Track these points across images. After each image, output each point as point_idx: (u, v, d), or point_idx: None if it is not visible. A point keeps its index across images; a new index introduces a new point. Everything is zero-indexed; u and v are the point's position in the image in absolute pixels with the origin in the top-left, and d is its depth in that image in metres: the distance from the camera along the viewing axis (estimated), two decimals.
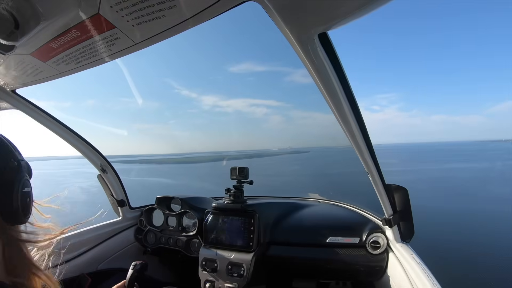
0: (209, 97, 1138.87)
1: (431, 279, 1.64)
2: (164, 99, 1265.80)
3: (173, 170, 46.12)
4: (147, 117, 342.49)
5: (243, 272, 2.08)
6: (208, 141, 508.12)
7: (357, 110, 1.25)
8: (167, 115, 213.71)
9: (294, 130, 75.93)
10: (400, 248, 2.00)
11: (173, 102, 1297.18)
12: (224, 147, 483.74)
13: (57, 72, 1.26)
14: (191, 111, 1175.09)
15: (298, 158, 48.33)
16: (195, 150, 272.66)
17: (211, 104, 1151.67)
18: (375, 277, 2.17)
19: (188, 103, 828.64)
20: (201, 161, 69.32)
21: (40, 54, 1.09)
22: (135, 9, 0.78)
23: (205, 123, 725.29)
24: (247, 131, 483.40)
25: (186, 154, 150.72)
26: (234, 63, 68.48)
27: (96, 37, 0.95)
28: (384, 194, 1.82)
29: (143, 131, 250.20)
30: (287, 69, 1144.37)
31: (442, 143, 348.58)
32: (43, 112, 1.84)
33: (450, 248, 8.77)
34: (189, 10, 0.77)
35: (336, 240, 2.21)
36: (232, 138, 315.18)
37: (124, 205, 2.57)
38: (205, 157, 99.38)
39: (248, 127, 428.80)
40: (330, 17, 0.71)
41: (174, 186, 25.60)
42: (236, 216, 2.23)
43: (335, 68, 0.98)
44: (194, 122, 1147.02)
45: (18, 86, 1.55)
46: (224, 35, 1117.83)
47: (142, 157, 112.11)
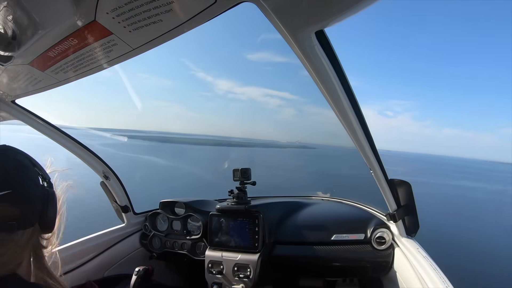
0: (224, 82, 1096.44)
1: (438, 273, 1.64)
2: (179, 78, 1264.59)
3: (174, 151, 44.80)
4: (160, 94, 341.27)
5: (249, 273, 2.09)
6: (216, 125, 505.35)
7: (357, 107, 1.25)
8: (180, 95, 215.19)
9: (305, 125, 74.98)
10: (405, 243, 2.00)
11: (187, 82, 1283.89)
12: (232, 133, 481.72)
13: (56, 81, 1.26)
14: (205, 93, 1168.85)
15: (304, 153, 47.75)
16: (201, 132, 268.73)
17: (226, 89, 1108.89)
18: (382, 272, 2.17)
19: (202, 86, 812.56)
20: (204, 143, 68.25)
21: (38, 63, 1.09)
22: (131, 15, 0.78)
23: (217, 107, 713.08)
24: (258, 121, 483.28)
25: (193, 135, 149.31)
26: (253, 51, 67.49)
27: (93, 44, 0.95)
28: (387, 189, 1.82)
29: (155, 107, 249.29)
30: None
31: (452, 157, 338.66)
32: (43, 121, 1.85)
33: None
34: (185, 13, 0.77)
35: (341, 238, 2.21)
36: (242, 125, 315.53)
37: (128, 211, 2.57)
38: (209, 140, 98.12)
39: (259, 116, 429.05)
40: (326, 14, 0.71)
41: (165, 167, 24.54)
42: (240, 217, 2.23)
43: (333, 65, 0.98)
44: (206, 105, 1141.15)
45: (18, 96, 1.55)
46: (246, 22, 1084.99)
47: (149, 134, 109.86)
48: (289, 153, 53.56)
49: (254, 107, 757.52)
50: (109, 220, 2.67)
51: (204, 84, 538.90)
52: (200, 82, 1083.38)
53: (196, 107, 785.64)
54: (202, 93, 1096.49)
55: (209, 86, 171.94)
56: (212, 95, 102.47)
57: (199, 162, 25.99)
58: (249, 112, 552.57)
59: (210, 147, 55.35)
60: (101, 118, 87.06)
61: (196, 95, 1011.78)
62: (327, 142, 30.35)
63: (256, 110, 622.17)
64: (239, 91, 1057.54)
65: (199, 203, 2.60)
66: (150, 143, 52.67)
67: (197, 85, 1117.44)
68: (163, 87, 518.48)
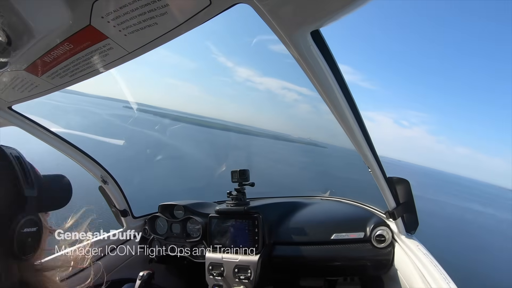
0: (244, 70, 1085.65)
1: (439, 269, 1.65)
2: (199, 60, 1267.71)
3: (181, 130, 42.92)
4: (179, 74, 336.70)
5: (250, 275, 2.08)
6: (231, 111, 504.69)
7: (354, 106, 1.25)
8: (199, 77, 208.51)
9: (319, 124, 73.55)
10: (405, 240, 2.01)
11: (207, 65, 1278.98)
12: (244, 121, 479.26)
13: (52, 86, 1.26)
14: (224, 79, 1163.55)
15: (313, 151, 47.15)
16: (215, 115, 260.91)
17: (245, 77, 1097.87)
18: (383, 270, 2.17)
19: (222, 71, 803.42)
20: (215, 127, 66.96)
21: (34, 69, 1.09)
22: (126, 19, 0.78)
23: (234, 94, 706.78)
24: (272, 112, 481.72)
25: (205, 118, 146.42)
26: (276, 41, 68.72)
27: (89, 49, 0.95)
28: (386, 187, 1.82)
29: (171, 86, 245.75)
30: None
31: (462, 177, 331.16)
32: (40, 127, 1.84)
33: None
34: (181, 16, 0.77)
35: (341, 237, 2.21)
36: (256, 114, 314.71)
37: (127, 215, 2.56)
38: (220, 125, 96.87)
39: (274, 108, 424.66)
40: (321, 14, 0.71)
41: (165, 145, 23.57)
42: (240, 219, 2.23)
43: (329, 65, 0.98)
44: (223, 90, 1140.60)
45: (14, 102, 1.55)
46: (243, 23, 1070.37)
47: (160, 110, 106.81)
48: (298, 148, 52.79)
49: (271, 98, 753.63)
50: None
51: (224, 69, 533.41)
52: (220, 67, 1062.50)
53: (213, 91, 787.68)
54: (221, 78, 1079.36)
55: (228, 72, 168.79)
56: (231, 81, 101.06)
57: (203, 145, 25.18)
58: (265, 102, 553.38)
59: (220, 131, 54.25)
60: (112, 88, 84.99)
61: (215, 79, 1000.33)
62: (339, 144, 29.74)
63: (272, 101, 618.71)
64: (258, 80, 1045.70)
65: (198, 206, 2.60)
66: (161, 119, 51.16)
67: (217, 69, 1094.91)
68: (184, 67, 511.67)
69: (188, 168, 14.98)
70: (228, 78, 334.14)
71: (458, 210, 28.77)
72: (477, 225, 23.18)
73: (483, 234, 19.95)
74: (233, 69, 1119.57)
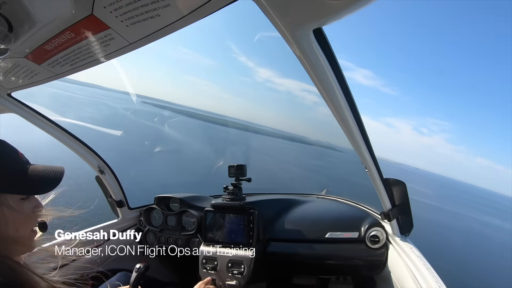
0: (264, 71, 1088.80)
1: (431, 272, 1.66)
2: (220, 59, 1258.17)
3: (196, 127, 40.93)
4: (199, 72, 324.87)
5: (243, 270, 2.09)
6: (249, 111, 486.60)
7: (354, 106, 1.25)
8: (219, 76, 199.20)
9: (338, 129, 74.60)
10: (399, 242, 2.02)
11: (228, 65, 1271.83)
12: (262, 121, 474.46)
13: (52, 74, 1.25)
14: (244, 78, 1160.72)
15: (329, 155, 46.36)
16: (233, 115, 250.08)
17: (265, 77, 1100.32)
18: (376, 271, 2.19)
19: (243, 70, 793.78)
20: (232, 126, 65.04)
21: (35, 56, 1.08)
22: (129, 9, 0.78)
23: (253, 93, 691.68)
24: (291, 114, 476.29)
25: (223, 116, 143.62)
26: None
27: (90, 38, 0.94)
28: (382, 188, 1.83)
29: (190, 83, 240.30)
30: (350, 65, 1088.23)
31: (481, 188, 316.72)
32: (39, 114, 1.84)
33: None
34: (183, 8, 0.77)
35: (336, 236, 2.22)
36: (274, 116, 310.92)
37: (122, 206, 2.56)
38: (238, 124, 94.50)
39: (294, 110, 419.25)
40: (324, 12, 0.71)
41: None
42: (235, 214, 2.24)
43: (330, 64, 0.98)
44: (243, 90, 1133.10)
45: (14, 90, 1.55)
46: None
47: (178, 107, 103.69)
48: (314, 151, 51.98)
49: (290, 100, 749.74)
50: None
51: (244, 69, 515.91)
52: (241, 67, 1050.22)
53: (233, 90, 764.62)
54: (241, 78, 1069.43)
55: (249, 71, 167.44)
56: (251, 81, 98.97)
57: (217, 143, 24.50)
58: (284, 104, 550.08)
59: (237, 130, 53.12)
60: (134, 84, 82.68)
61: (235, 78, 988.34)
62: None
63: (291, 103, 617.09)
64: (278, 81, 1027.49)
65: (194, 199, 2.61)
66: (181, 117, 49.28)
67: (237, 69, 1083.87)
68: (204, 65, 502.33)
69: (210, 165, 14.81)
70: (249, 78, 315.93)
71: (477, 225, 27.51)
72: (497, 242, 21.62)
73: (504, 252, 18.40)
74: (254, 69, 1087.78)
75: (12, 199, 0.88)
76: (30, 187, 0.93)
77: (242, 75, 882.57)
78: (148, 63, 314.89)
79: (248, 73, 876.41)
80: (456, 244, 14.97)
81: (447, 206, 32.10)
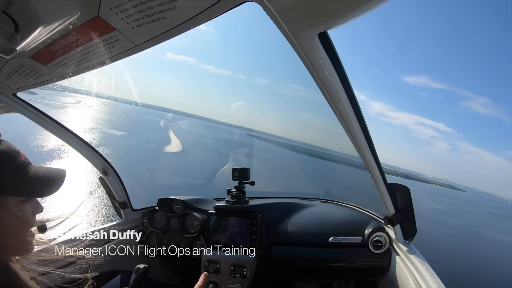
0: (378, 104, 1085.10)
1: (434, 278, 1.64)
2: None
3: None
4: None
5: (245, 273, 2.08)
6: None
7: (358, 110, 1.25)
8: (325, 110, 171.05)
9: (456, 163, 66.59)
10: (402, 247, 2.00)
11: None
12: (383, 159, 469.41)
13: (58, 75, 1.26)
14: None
15: (449, 196, 40.14)
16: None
17: (379, 111, 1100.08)
18: (378, 276, 2.17)
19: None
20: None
21: (41, 57, 1.09)
22: (135, 11, 0.78)
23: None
24: (406, 149, 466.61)
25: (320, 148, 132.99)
26: (409, 73, 61.78)
27: (96, 40, 0.95)
28: (386, 193, 1.82)
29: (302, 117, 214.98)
30: (466, 93, 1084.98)
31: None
32: (44, 115, 1.84)
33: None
34: (189, 11, 0.77)
35: (339, 240, 2.21)
36: (390, 152, 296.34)
37: (126, 207, 2.56)
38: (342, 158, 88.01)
39: (409, 145, 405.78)
40: (329, 16, 0.70)
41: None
42: (238, 217, 2.23)
43: (335, 68, 0.98)
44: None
45: (19, 90, 1.55)
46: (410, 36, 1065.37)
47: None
48: (430, 189, 47.09)
49: (405, 134, 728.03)
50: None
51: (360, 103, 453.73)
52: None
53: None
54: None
55: (362, 105, 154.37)
56: (365, 116, 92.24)
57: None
58: (399, 139, 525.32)
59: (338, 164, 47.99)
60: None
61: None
62: (481, 188, 23.94)
63: (406, 138, 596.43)
64: (392, 115, 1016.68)
65: (198, 202, 2.60)
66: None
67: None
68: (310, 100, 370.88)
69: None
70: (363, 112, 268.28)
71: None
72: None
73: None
74: (367, 103, 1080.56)
75: (12, 201, 0.88)
76: (31, 189, 0.93)
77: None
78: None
79: (362, 107, 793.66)
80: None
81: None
